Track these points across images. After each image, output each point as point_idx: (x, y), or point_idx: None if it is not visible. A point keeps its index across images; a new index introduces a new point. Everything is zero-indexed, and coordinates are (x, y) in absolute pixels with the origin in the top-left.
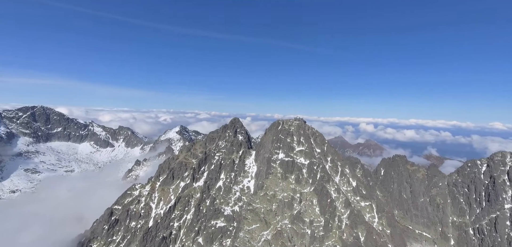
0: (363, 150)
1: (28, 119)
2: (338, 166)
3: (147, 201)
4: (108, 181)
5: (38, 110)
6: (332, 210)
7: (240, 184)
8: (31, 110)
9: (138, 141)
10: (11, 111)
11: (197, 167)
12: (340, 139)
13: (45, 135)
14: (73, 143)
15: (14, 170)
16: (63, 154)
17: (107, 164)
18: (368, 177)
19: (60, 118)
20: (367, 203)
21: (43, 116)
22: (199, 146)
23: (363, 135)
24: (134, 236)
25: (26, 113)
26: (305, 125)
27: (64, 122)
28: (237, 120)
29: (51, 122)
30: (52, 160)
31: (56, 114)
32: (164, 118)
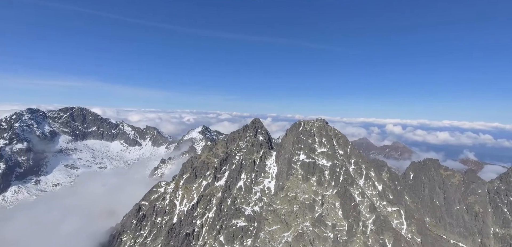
0: (389, 152)
1: (67, 119)
2: (362, 168)
3: (171, 198)
4: (136, 177)
5: (76, 111)
6: (356, 214)
7: (260, 184)
8: (70, 111)
9: (164, 140)
10: (54, 111)
11: (219, 167)
12: (364, 141)
13: (82, 134)
14: (106, 141)
15: (56, 165)
16: (97, 151)
17: (135, 162)
18: (396, 181)
19: (94, 118)
20: (395, 208)
21: (80, 116)
22: (221, 146)
23: (390, 136)
24: (159, 231)
25: (66, 114)
26: (327, 126)
27: (98, 122)
28: (257, 120)
29: (87, 122)
30: (87, 156)
31: (91, 115)
32: (187, 118)
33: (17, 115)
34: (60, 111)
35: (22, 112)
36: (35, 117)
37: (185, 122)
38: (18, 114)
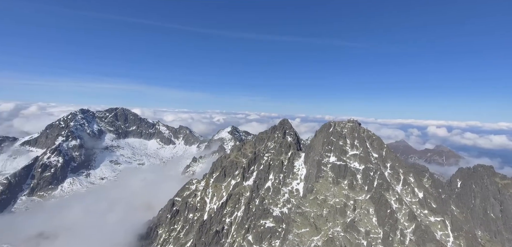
0: (432, 157)
1: (112, 119)
2: (399, 173)
3: (202, 195)
4: (170, 174)
5: (119, 111)
6: (393, 222)
7: (288, 185)
8: (115, 111)
9: (195, 140)
10: (101, 112)
11: (247, 166)
12: (402, 144)
13: (124, 132)
14: (144, 140)
15: (103, 161)
16: (137, 149)
17: (169, 159)
18: (440, 188)
19: (134, 118)
20: (439, 218)
21: (123, 116)
22: (249, 146)
23: (433, 139)
24: (191, 226)
25: (111, 114)
26: (360, 127)
27: (137, 122)
28: (286, 121)
29: (128, 121)
30: (128, 153)
31: (132, 115)
32: (217, 118)
33: (72, 116)
34: (106, 112)
35: (76, 113)
36: (86, 117)
37: (215, 122)
38: (73, 114)
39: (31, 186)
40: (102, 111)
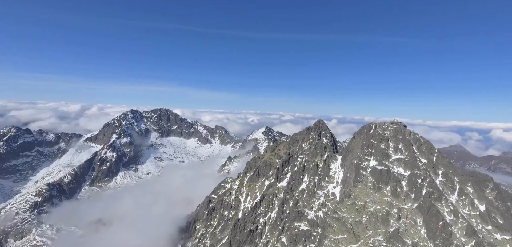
0: (497, 165)
1: (156, 118)
2: (454, 182)
3: (237, 194)
4: (207, 172)
5: (163, 111)
6: (447, 236)
7: (324, 189)
8: (159, 111)
9: (230, 139)
10: (147, 112)
11: (281, 167)
12: (458, 148)
13: (166, 131)
14: (184, 139)
15: (148, 157)
16: (177, 147)
17: (206, 158)
18: (508, 201)
19: (175, 118)
20: (507, 236)
21: (166, 116)
22: (283, 147)
23: (498, 144)
24: (226, 224)
25: (156, 114)
26: (405, 130)
27: (178, 122)
28: (321, 122)
29: (170, 121)
30: (170, 151)
31: (173, 115)
32: (251, 119)
33: (124, 115)
34: (152, 112)
35: (127, 113)
36: (135, 117)
37: (249, 122)
38: (124, 114)
39: (92, 177)
40: (148, 112)
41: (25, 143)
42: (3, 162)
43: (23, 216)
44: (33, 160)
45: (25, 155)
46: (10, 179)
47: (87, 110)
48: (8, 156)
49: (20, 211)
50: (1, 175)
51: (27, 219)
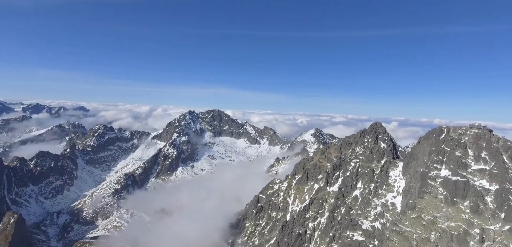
0: None
1: (210, 119)
2: None
3: (284, 196)
4: (255, 172)
5: (215, 113)
6: None
7: (382, 197)
8: (212, 112)
9: (278, 141)
10: (202, 113)
11: (331, 171)
12: None
13: (218, 131)
14: (234, 139)
15: (203, 155)
16: (228, 146)
17: (255, 158)
18: None
19: (227, 118)
20: None
21: (218, 117)
22: (334, 150)
23: None
24: (274, 225)
25: (209, 115)
26: (491, 135)
27: (229, 122)
28: (379, 125)
29: (222, 122)
30: (222, 150)
31: (225, 116)
32: (300, 120)
33: (183, 116)
34: (206, 113)
35: (185, 114)
36: (192, 118)
37: (298, 124)
38: (183, 115)
39: (157, 170)
40: (203, 113)
41: (109, 139)
42: (94, 153)
43: (107, 200)
44: (115, 153)
45: (109, 149)
46: (99, 168)
47: (154, 111)
48: (98, 149)
49: (105, 196)
50: (93, 165)
51: (110, 203)
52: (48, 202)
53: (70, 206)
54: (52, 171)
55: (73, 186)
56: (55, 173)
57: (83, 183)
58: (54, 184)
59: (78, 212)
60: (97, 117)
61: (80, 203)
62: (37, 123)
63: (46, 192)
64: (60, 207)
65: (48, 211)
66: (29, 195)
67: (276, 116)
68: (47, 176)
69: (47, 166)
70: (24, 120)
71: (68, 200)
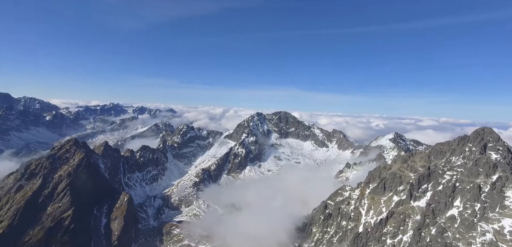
0: None
1: (277, 121)
2: None
3: (356, 205)
4: (323, 176)
5: (282, 114)
6: None
7: (494, 222)
8: (278, 114)
9: (349, 145)
10: (269, 114)
11: (416, 183)
12: None
13: (284, 133)
14: (300, 141)
15: (269, 156)
16: (294, 148)
17: (322, 162)
18: None
19: (293, 120)
20: None
21: (285, 119)
22: (420, 158)
23: None
24: (345, 235)
25: (276, 117)
26: None
27: (295, 124)
28: (488, 131)
29: (288, 123)
30: (287, 152)
31: (291, 118)
32: (376, 123)
33: (251, 117)
34: (273, 115)
35: (254, 116)
36: (260, 119)
37: (373, 127)
38: (252, 116)
39: (228, 168)
40: (270, 114)
41: (190, 137)
42: (179, 149)
43: (189, 190)
44: (194, 150)
45: (190, 145)
46: (182, 162)
47: (227, 113)
48: (182, 145)
49: (187, 187)
50: (178, 159)
51: (191, 193)
52: (147, 187)
53: (162, 192)
54: (151, 162)
55: (164, 176)
56: (152, 163)
57: (171, 174)
58: (152, 173)
59: (167, 198)
60: (182, 118)
61: (169, 190)
62: (141, 122)
63: (146, 178)
64: (156, 192)
65: (147, 194)
66: (135, 180)
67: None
68: (147, 166)
69: (147, 157)
70: (133, 120)
71: (161, 187)
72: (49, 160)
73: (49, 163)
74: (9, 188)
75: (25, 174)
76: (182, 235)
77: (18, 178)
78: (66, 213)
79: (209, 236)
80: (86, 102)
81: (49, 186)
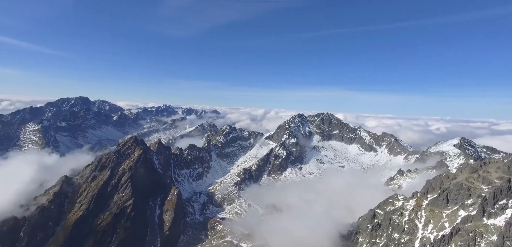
0: None
1: (319, 122)
2: None
3: (411, 216)
4: (371, 182)
5: (325, 116)
6: None
7: None
8: (321, 116)
9: (402, 149)
10: (311, 116)
11: (491, 197)
12: None
13: (327, 135)
14: (345, 144)
15: (311, 158)
16: (338, 151)
17: (370, 167)
18: None
19: (337, 122)
20: None
21: (328, 121)
22: (496, 169)
23: None
24: None
25: (318, 118)
26: None
27: (339, 126)
28: None
29: (331, 125)
30: (330, 155)
31: (335, 119)
32: (436, 127)
33: (292, 119)
34: (315, 116)
35: (295, 117)
36: (301, 121)
37: (432, 131)
38: (293, 118)
39: (269, 169)
40: (312, 116)
41: (232, 137)
42: (222, 149)
43: (231, 189)
44: (236, 150)
45: (232, 145)
46: (225, 161)
47: (268, 114)
48: (225, 145)
49: (229, 185)
50: (221, 158)
51: (233, 192)
52: (194, 183)
53: (207, 189)
54: (197, 160)
55: (209, 174)
56: (198, 161)
57: (215, 172)
58: (198, 170)
59: (211, 195)
60: (225, 119)
61: (213, 188)
62: (189, 123)
63: (193, 175)
64: (201, 189)
65: (194, 190)
66: (183, 176)
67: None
68: (193, 164)
69: (194, 156)
70: (182, 120)
71: (206, 184)
72: (115, 154)
73: (115, 157)
74: (86, 177)
75: (98, 166)
76: (225, 232)
77: (92, 169)
78: (127, 202)
79: (250, 234)
80: (144, 104)
81: (115, 178)
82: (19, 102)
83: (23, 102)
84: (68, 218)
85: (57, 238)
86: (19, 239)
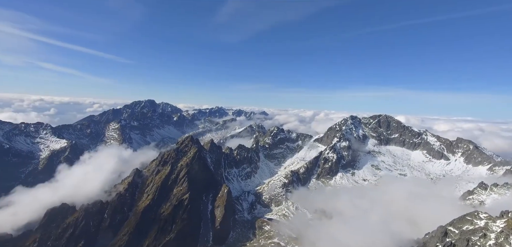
0: None
1: (375, 125)
2: None
3: (499, 241)
4: (442, 195)
5: (382, 118)
6: None
7: None
8: (378, 118)
9: (485, 159)
10: (366, 118)
11: None
12: None
13: (385, 139)
14: (407, 149)
15: (365, 163)
16: (398, 157)
17: (440, 177)
18: None
19: (397, 125)
20: None
21: (386, 123)
22: None
23: None
24: None
25: (374, 121)
26: None
27: (400, 130)
28: None
29: (390, 128)
30: (389, 161)
31: (395, 122)
32: None
33: (344, 121)
34: (370, 118)
35: (347, 119)
36: (354, 123)
37: None
38: (345, 120)
39: (317, 172)
40: (367, 118)
41: (280, 139)
42: (270, 150)
43: (278, 190)
44: (284, 151)
45: (280, 147)
46: (272, 162)
47: (317, 116)
48: (272, 147)
49: (277, 187)
50: (269, 159)
51: (280, 193)
52: (243, 182)
53: (254, 189)
54: (245, 160)
55: (257, 174)
56: (247, 161)
57: (263, 173)
58: (246, 170)
59: (259, 195)
60: (273, 120)
61: (260, 188)
62: (239, 123)
63: (242, 175)
64: (249, 188)
65: (242, 189)
66: (233, 175)
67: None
68: (242, 163)
69: (243, 156)
70: (232, 121)
71: (254, 184)
72: (175, 152)
73: (175, 154)
74: (152, 170)
75: (161, 161)
76: (272, 233)
77: (157, 164)
78: (185, 196)
79: (298, 238)
80: (199, 106)
81: (175, 172)
82: (106, 104)
83: (108, 104)
84: (138, 206)
85: (130, 222)
86: (103, 220)
